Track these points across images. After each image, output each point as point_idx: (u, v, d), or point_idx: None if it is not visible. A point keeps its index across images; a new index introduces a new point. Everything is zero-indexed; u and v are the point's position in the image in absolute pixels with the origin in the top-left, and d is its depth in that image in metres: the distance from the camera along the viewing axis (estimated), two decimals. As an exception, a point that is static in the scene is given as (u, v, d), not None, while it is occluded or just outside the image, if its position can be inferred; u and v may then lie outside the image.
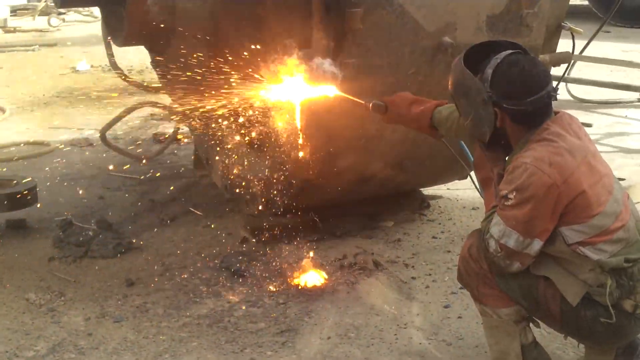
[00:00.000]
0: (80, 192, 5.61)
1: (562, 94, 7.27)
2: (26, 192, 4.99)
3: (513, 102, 2.95)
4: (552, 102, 3.01)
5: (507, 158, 3.08)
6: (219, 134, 4.95)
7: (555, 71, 4.89)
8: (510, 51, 3.02)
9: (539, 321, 3.19)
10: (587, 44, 5.77)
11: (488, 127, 3.03)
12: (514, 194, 2.88)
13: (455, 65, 3.10)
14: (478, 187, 3.68)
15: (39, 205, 5.11)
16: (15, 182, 5.08)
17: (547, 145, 2.91)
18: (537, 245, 2.90)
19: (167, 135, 6.63)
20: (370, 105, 3.56)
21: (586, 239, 2.88)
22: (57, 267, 4.46)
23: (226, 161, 5.07)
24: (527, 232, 2.88)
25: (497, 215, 2.95)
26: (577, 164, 2.89)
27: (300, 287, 4.18)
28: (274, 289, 4.18)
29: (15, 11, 15.10)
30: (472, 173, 3.78)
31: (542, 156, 2.88)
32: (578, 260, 2.90)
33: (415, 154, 4.37)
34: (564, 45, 4.77)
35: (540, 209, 2.85)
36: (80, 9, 14.00)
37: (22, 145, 6.76)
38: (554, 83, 3.23)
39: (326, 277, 4.27)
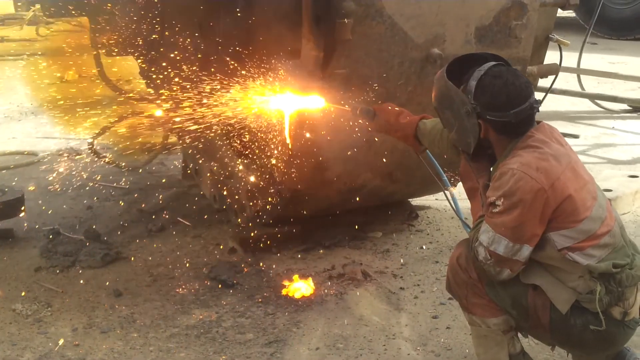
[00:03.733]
0: (68, 201, 5.60)
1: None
2: (13, 201, 4.97)
3: (497, 113, 2.96)
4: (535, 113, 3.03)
5: (492, 168, 3.10)
6: (207, 144, 4.94)
7: (542, 82, 4.91)
8: (493, 63, 3.04)
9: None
10: (579, 58, 5.77)
11: (472, 138, 3.05)
12: (502, 199, 2.89)
13: (439, 78, 3.12)
14: (452, 204, 3.67)
15: (25, 215, 5.09)
16: (2, 191, 5.06)
17: (532, 151, 2.93)
18: (526, 251, 2.90)
19: (155, 145, 6.61)
20: (358, 110, 3.56)
21: (574, 244, 2.89)
22: (45, 277, 4.44)
23: (214, 172, 5.07)
24: (516, 238, 2.89)
25: (486, 222, 2.96)
26: (562, 169, 2.91)
27: (288, 298, 4.18)
28: (262, 300, 4.17)
29: (2, 20, 15.07)
30: (447, 191, 3.77)
31: (528, 161, 2.89)
32: (568, 267, 2.91)
33: (404, 164, 4.37)
34: (551, 57, 4.80)
35: (528, 213, 2.86)
36: (69, 18, 13.98)
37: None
38: (541, 95, 3.23)
39: (315, 287, 4.27)
